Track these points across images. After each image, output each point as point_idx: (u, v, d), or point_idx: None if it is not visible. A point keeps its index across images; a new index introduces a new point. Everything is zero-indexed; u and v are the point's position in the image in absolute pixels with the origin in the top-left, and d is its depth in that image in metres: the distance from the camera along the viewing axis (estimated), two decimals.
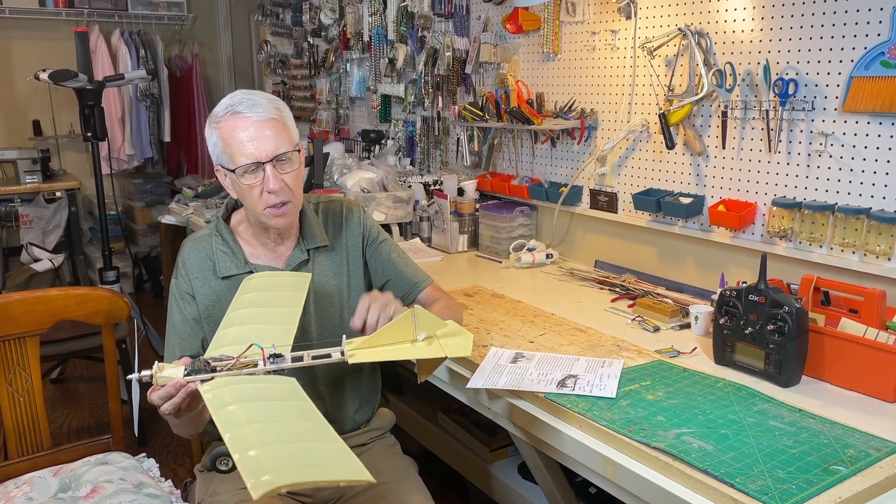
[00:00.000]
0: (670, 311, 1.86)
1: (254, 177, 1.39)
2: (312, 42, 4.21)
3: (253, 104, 1.39)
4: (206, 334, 1.49)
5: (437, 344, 1.22)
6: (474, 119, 2.71)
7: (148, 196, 5.13)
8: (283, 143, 1.40)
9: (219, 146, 1.41)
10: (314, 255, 1.57)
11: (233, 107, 1.40)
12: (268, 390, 1.07)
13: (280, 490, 0.83)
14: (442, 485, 2.48)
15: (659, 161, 2.18)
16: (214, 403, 1.00)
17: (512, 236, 2.59)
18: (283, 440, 0.93)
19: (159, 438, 3.03)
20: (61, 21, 4.85)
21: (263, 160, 1.38)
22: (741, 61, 1.90)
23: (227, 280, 1.50)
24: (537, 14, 2.53)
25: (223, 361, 1.12)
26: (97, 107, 3.23)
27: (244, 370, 1.12)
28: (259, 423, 0.95)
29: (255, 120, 1.38)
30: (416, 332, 1.21)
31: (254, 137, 1.37)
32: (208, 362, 1.12)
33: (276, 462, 0.88)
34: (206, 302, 1.49)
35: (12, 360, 1.67)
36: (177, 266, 1.53)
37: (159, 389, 1.14)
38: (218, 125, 1.41)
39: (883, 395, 1.40)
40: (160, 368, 1.12)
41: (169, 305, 1.52)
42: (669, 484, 1.14)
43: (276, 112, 1.42)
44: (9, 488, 1.56)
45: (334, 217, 1.63)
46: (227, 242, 1.52)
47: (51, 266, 3.51)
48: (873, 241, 1.65)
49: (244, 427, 0.94)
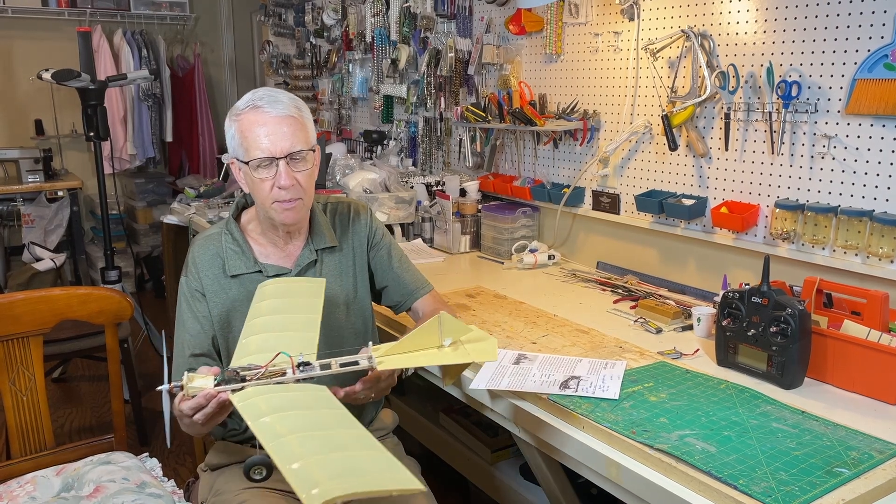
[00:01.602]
0: (673, 313, 1.86)
1: (266, 171, 1.41)
2: (315, 42, 4.21)
3: (274, 101, 1.42)
4: (215, 332, 1.49)
5: (463, 349, 1.22)
6: (477, 120, 2.71)
7: (150, 196, 5.14)
8: (298, 142, 1.42)
9: (236, 138, 1.44)
10: (322, 256, 1.57)
11: (254, 101, 1.42)
12: (301, 399, 1.05)
13: (335, 502, 0.81)
14: (444, 486, 2.48)
15: (661, 162, 2.18)
16: (249, 413, 0.99)
17: (514, 237, 2.59)
18: (328, 449, 0.91)
19: (162, 438, 3.03)
20: (64, 21, 4.85)
21: (278, 156, 1.40)
22: (744, 63, 1.90)
23: (237, 279, 1.50)
24: (540, 15, 2.53)
25: (252, 370, 1.11)
26: (99, 106, 3.23)
27: (273, 379, 1.11)
28: (300, 433, 0.94)
29: (275, 115, 1.41)
30: (442, 338, 1.21)
31: (271, 133, 1.40)
32: (237, 371, 1.11)
33: (327, 471, 0.86)
34: (216, 300, 1.50)
35: (15, 359, 1.67)
36: (186, 263, 1.54)
37: (189, 400, 1.13)
38: (238, 118, 1.44)
39: (886, 397, 1.40)
40: (191, 379, 1.12)
41: (178, 303, 1.52)
42: (672, 486, 1.14)
43: (297, 111, 1.44)
44: (12, 487, 1.56)
45: (342, 218, 1.64)
46: (236, 241, 1.52)
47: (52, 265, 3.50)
48: (876, 243, 1.65)
49: (285, 437, 0.92)
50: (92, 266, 4.69)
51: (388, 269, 1.66)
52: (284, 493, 1.51)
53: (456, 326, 1.24)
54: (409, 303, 1.67)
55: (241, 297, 1.49)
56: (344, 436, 0.96)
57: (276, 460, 0.88)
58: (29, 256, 3.77)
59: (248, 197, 1.58)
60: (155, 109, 5.11)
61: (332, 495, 0.81)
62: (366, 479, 0.87)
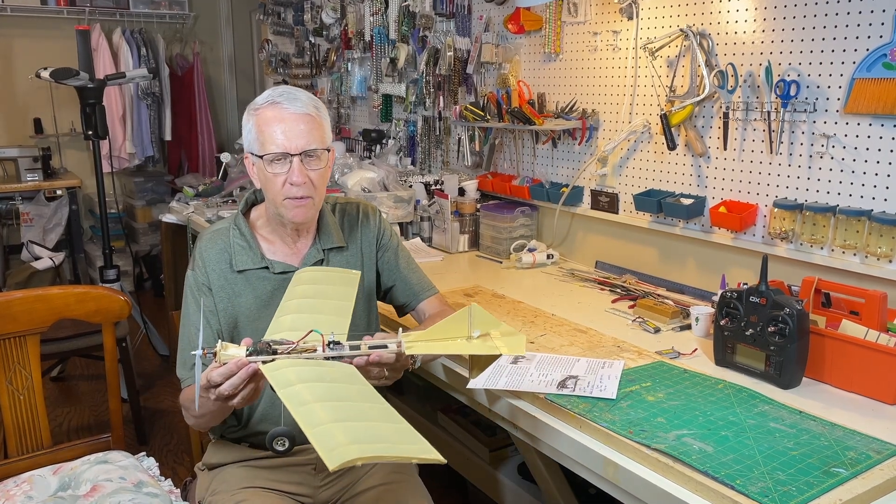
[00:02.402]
0: (671, 313, 1.86)
1: (280, 166, 1.42)
2: (314, 41, 4.21)
3: (293, 98, 1.44)
4: (221, 327, 1.50)
5: (492, 342, 1.22)
6: (475, 119, 2.71)
7: (149, 195, 5.13)
8: (314, 140, 1.43)
9: (253, 132, 1.45)
10: (329, 255, 1.58)
11: (273, 98, 1.44)
12: (329, 374, 1.08)
13: (355, 463, 0.84)
14: (442, 485, 2.48)
15: (660, 162, 2.18)
16: (278, 381, 1.02)
17: (513, 237, 2.59)
18: (352, 418, 0.95)
19: (159, 437, 3.03)
20: (63, 19, 4.85)
21: (293, 152, 1.41)
22: (743, 62, 1.90)
23: (243, 274, 1.51)
24: (539, 14, 2.53)
25: (284, 345, 1.13)
26: (98, 105, 3.23)
27: (304, 354, 1.13)
28: (326, 402, 0.97)
29: (293, 112, 1.42)
30: (472, 329, 1.22)
31: (288, 129, 1.42)
32: (269, 344, 1.13)
33: (350, 436, 0.89)
34: (222, 294, 1.50)
35: (12, 358, 1.67)
36: (193, 257, 1.54)
37: (221, 367, 1.13)
38: (256, 112, 1.45)
39: (883, 397, 1.40)
40: (224, 347, 1.13)
41: (184, 297, 1.53)
42: (669, 485, 1.14)
43: (315, 110, 1.46)
44: (8, 486, 1.56)
45: (350, 218, 1.64)
46: (244, 236, 1.53)
47: (51, 264, 3.51)
48: (874, 242, 1.65)
49: (312, 404, 0.96)
50: (91, 265, 4.69)
51: (395, 269, 1.66)
52: (282, 493, 1.51)
53: (486, 319, 1.24)
54: (415, 304, 1.68)
55: (247, 292, 1.50)
56: (368, 408, 0.99)
57: (301, 424, 0.91)
58: (27, 255, 3.77)
59: (259, 193, 1.59)
60: (154, 108, 5.11)
61: (351, 456, 0.84)
62: (386, 445, 0.90)
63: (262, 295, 1.51)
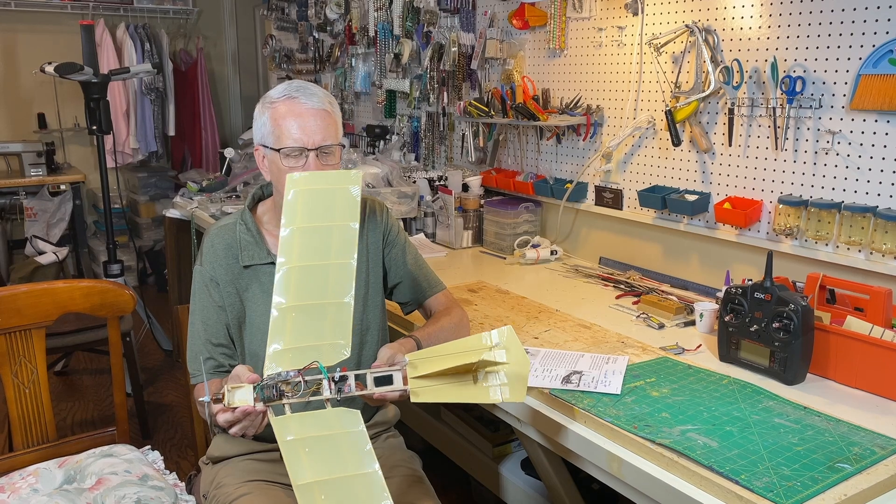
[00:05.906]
0: (675, 309, 1.86)
1: (296, 161, 1.44)
2: (318, 37, 4.20)
3: (310, 93, 1.45)
4: (229, 321, 1.51)
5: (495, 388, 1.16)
6: (479, 115, 2.71)
7: (152, 190, 5.14)
8: (329, 136, 1.45)
9: (267, 125, 1.45)
10: None
11: (289, 92, 1.45)
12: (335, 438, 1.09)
13: None
14: (445, 480, 2.48)
15: (665, 158, 2.18)
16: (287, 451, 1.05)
17: (516, 232, 2.59)
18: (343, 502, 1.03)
19: (163, 432, 3.04)
20: (67, 14, 4.85)
21: (310, 147, 1.43)
22: (748, 58, 1.90)
23: (249, 268, 1.51)
24: (544, 10, 2.53)
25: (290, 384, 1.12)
26: (102, 100, 3.23)
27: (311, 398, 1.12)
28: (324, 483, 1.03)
29: (310, 107, 1.43)
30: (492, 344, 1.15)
31: (305, 124, 1.43)
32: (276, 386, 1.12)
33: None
34: (229, 289, 1.51)
35: (18, 352, 1.67)
36: (201, 252, 1.55)
37: (227, 413, 1.14)
38: (272, 106, 1.46)
39: (888, 393, 1.40)
40: (232, 391, 1.12)
41: (192, 292, 1.54)
42: (674, 480, 1.14)
43: (329, 106, 1.47)
44: (14, 479, 1.56)
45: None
46: (251, 231, 1.53)
47: (55, 259, 3.51)
48: (880, 239, 1.64)
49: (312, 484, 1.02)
50: (94, 260, 4.69)
51: (402, 266, 1.66)
52: (286, 486, 1.52)
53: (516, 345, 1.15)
54: (423, 300, 1.68)
55: (254, 286, 1.51)
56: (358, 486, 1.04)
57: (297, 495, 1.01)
58: (32, 250, 3.78)
59: (265, 188, 1.60)
60: (157, 103, 5.11)
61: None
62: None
63: (268, 289, 1.50)
